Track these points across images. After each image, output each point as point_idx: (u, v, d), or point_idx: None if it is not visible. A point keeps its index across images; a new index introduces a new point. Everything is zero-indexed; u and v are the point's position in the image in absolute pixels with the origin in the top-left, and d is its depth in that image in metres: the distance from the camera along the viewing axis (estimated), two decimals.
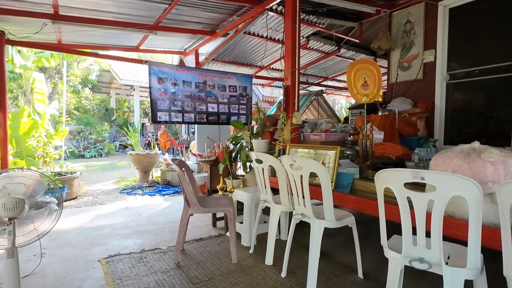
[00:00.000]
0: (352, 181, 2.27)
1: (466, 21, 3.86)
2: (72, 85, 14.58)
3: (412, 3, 4.21)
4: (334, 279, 2.22)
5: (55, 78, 13.51)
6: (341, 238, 2.94)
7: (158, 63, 4.33)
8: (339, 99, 14.15)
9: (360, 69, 2.66)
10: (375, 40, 4.36)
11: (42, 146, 5.52)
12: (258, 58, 6.23)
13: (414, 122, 3.94)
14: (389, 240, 1.61)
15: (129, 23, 4.46)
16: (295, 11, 3.54)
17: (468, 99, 3.94)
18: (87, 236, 3.17)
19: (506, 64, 3.49)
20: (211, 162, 4.88)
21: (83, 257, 2.64)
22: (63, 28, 4.35)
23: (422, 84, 4.20)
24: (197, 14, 4.44)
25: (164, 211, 4.18)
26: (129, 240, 3.05)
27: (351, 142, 2.98)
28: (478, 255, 1.31)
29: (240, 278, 2.24)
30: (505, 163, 1.46)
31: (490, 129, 3.74)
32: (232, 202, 2.71)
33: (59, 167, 5.61)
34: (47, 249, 2.80)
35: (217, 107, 4.47)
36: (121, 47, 5.62)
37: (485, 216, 1.44)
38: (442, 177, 1.33)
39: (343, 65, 7.20)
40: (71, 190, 4.88)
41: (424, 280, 2.13)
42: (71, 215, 3.96)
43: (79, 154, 11.73)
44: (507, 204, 1.17)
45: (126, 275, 2.31)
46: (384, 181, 1.50)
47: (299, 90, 3.64)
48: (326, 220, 2.01)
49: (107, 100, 16.24)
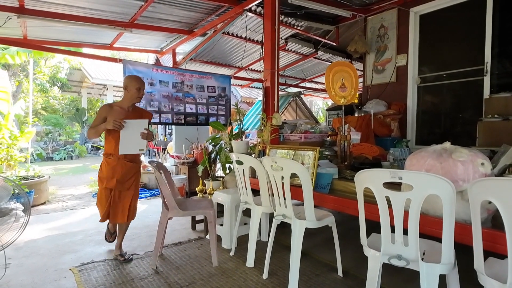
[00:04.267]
0: (331, 181, 2.31)
1: (435, 28, 4.08)
2: (39, 83, 13.76)
3: (386, 9, 4.39)
4: (315, 278, 2.25)
5: (20, 75, 12.68)
6: (321, 238, 2.99)
7: (134, 61, 4.19)
8: (316, 100, 14.44)
9: (338, 72, 2.72)
10: (352, 44, 4.49)
11: (6, 149, 5.14)
12: (237, 59, 6.21)
13: (388, 123, 4.09)
14: (368, 239, 1.65)
15: (102, 19, 4.28)
16: (274, 12, 3.56)
17: (437, 101, 4.16)
18: (57, 244, 3.00)
19: (470, 69, 3.72)
20: (190, 164, 4.79)
21: (53, 266, 2.49)
22: (29, 22, 4.09)
23: (395, 86, 4.38)
24: (174, 13, 4.35)
25: (140, 215, 4.04)
26: (104, 247, 2.91)
27: (329, 143, 3.04)
28: (451, 251, 1.37)
29: (221, 282, 2.20)
30: (474, 162, 1.55)
31: (457, 130, 3.97)
32: (212, 204, 2.67)
33: (25, 171, 5.26)
34: (12, 259, 2.60)
35: (196, 108, 4.40)
36: (94, 45, 5.38)
37: (456, 213, 1.51)
38: (419, 176, 1.38)
39: (320, 67, 7.35)
40: (39, 195, 4.59)
41: (400, 275, 2.21)
42: (39, 222, 3.73)
43: (47, 156, 11.08)
44: (478, 202, 1.24)
45: (101, 283, 2.20)
46: (363, 181, 1.54)
47: (278, 91, 3.67)
48: (307, 220, 2.03)
49: (78, 99, 15.49)
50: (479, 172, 1.52)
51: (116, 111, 2.52)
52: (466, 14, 3.76)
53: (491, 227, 1.46)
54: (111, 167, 2.50)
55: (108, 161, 2.53)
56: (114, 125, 2.36)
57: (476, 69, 3.65)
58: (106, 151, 2.56)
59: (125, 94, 2.58)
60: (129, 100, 2.57)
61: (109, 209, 2.51)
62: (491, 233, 1.39)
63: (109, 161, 2.52)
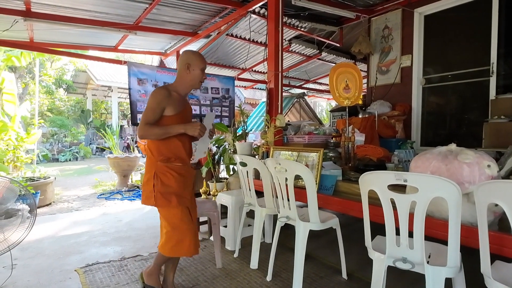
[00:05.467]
0: (335, 183, 2.30)
1: (440, 28, 4.05)
2: (45, 85, 13.91)
3: (390, 10, 4.37)
4: (319, 281, 2.24)
5: (26, 78, 12.83)
6: (325, 240, 2.97)
7: (138, 63, 4.22)
8: (320, 101, 14.41)
9: (342, 73, 2.72)
10: (356, 45, 4.47)
11: (12, 150, 5.21)
12: (241, 60, 6.23)
13: (392, 125, 4.07)
14: (373, 241, 1.64)
15: (107, 22, 4.32)
16: (278, 14, 3.56)
17: (442, 102, 4.12)
18: (63, 245, 3.02)
19: (476, 70, 3.69)
20: (193, 165, 4.80)
21: (58, 267, 2.51)
22: (35, 25, 4.14)
23: (400, 87, 4.35)
24: (179, 15, 4.38)
25: (144, 216, 4.06)
26: (108, 248, 2.93)
27: (333, 144, 3.03)
28: (457, 254, 1.36)
29: (225, 283, 2.20)
30: (480, 164, 1.53)
31: (463, 131, 3.93)
32: (216, 205, 2.67)
33: (31, 172, 5.32)
34: (18, 260, 2.63)
35: (200, 109, 4.42)
36: (99, 47, 5.43)
37: (462, 215, 1.50)
38: (424, 179, 1.37)
39: (324, 68, 7.34)
40: (45, 196, 4.64)
41: (405, 279, 2.19)
42: (44, 223, 3.76)
43: (52, 158, 11.18)
44: (484, 204, 1.22)
45: (106, 284, 2.21)
46: (368, 183, 1.53)
47: (282, 92, 3.66)
48: (311, 222, 2.03)
49: (83, 101, 15.63)
50: (485, 174, 1.50)
51: (176, 100, 1.86)
52: (471, 14, 3.73)
53: (498, 230, 1.45)
54: (182, 178, 1.87)
55: (177, 170, 1.85)
56: (200, 133, 1.81)
57: (482, 70, 3.62)
58: (166, 155, 1.85)
59: (184, 75, 1.89)
60: (190, 85, 1.92)
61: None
62: (498, 236, 1.37)
63: (177, 169, 1.85)
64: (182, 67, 1.89)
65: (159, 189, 1.80)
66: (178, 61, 1.93)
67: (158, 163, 1.84)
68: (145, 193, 1.85)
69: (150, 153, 1.87)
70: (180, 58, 1.92)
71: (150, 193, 1.81)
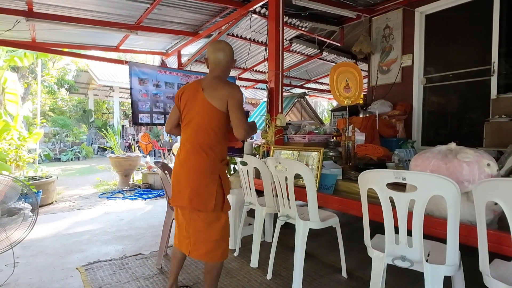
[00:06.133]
0: (335, 182, 2.31)
1: (441, 28, 4.04)
2: (47, 85, 13.96)
3: (391, 9, 4.36)
4: (319, 279, 2.25)
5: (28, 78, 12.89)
6: (325, 238, 2.98)
7: (139, 63, 4.24)
8: (321, 101, 14.40)
9: (342, 72, 2.72)
10: (356, 44, 4.47)
11: (15, 150, 5.24)
12: (242, 60, 6.23)
13: (393, 124, 4.07)
14: (372, 240, 1.65)
15: (109, 22, 4.34)
16: (279, 14, 3.57)
17: (443, 102, 4.12)
18: (64, 243, 3.04)
19: (477, 69, 3.68)
20: None
21: (60, 266, 2.52)
22: (37, 25, 4.16)
23: (400, 87, 4.35)
24: (180, 15, 4.39)
25: (146, 215, 4.08)
26: (110, 246, 2.94)
27: (334, 143, 3.03)
28: (456, 252, 1.36)
29: (225, 282, 2.21)
30: (479, 163, 1.53)
31: (464, 130, 3.92)
32: None
33: (33, 171, 5.35)
34: (20, 258, 2.65)
35: None
36: (100, 47, 5.46)
37: (461, 214, 1.50)
38: (423, 177, 1.38)
39: (325, 67, 7.34)
40: (47, 195, 4.66)
41: (404, 277, 2.19)
42: (46, 222, 3.78)
43: (54, 157, 11.23)
44: (483, 203, 1.23)
45: (107, 282, 2.22)
46: (367, 182, 1.53)
47: (282, 92, 3.67)
48: (311, 221, 2.03)
49: (84, 101, 15.68)
50: (485, 173, 1.50)
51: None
52: (473, 13, 3.72)
53: (498, 229, 1.45)
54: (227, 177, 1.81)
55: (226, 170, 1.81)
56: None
57: (483, 69, 3.61)
58: (224, 156, 1.78)
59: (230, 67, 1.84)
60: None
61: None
62: (497, 234, 1.37)
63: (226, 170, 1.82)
64: (230, 59, 1.80)
65: (224, 193, 1.73)
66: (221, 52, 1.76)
67: (220, 164, 1.73)
68: (202, 198, 1.67)
69: (211, 152, 1.69)
70: (225, 50, 1.77)
71: (210, 197, 1.66)
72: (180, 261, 1.88)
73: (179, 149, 1.77)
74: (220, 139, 1.72)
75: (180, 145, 1.78)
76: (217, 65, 1.78)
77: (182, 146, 1.76)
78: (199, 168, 1.69)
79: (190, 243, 1.74)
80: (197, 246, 1.72)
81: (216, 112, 1.68)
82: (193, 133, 1.71)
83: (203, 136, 1.69)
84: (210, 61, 1.79)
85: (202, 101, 1.69)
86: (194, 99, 1.73)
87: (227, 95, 1.67)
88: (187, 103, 1.74)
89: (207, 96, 1.69)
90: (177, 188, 1.73)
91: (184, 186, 1.69)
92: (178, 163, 1.75)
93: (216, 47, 1.78)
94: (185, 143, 1.74)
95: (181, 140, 1.79)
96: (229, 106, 1.67)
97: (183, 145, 1.75)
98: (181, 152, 1.75)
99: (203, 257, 1.74)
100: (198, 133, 1.70)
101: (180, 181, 1.72)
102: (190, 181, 1.68)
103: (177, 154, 1.79)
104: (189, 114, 1.74)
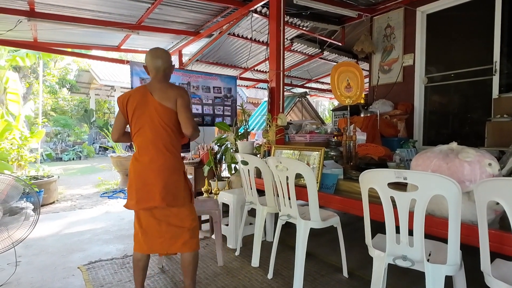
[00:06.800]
0: (336, 181, 2.31)
1: (442, 27, 4.03)
2: (49, 85, 13.99)
3: (392, 8, 4.35)
4: (320, 279, 2.25)
5: (30, 77, 12.92)
6: (326, 238, 2.98)
7: (140, 63, 4.24)
8: (322, 101, 14.39)
9: (343, 72, 2.72)
10: (358, 43, 4.47)
11: (17, 149, 5.26)
12: (243, 60, 6.24)
13: (394, 124, 4.06)
14: (373, 239, 1.65)
15: (110, 22, 4.35)
16: (280, 13, 3.57)
17: (445, 101, 4.11)
18: (66, 242, 3.05)
19: (479, 69, 3.67)
20: (196, 164, 4.81)
21: (61, 265, 2.53)
22: (39, 25, 4.17)
23: (402, 86, 4.34)
24: (181, 14, 4.39)
25: None
26: (111, 246, 2.95)
27: (335, 143, 3.03)
28: (457, 252, 1.36)
29: (226, 281, 2.22)
30: (481, 163, 1.53)
31: (465, 130, 3.91)
32: (217, 204, 2.69)
33: (34, 171, 5.37)
34: (22, 257, 2.66)
35: (202, 108, 4.44)
36: (102, 47, 5.47)
37: (463, 213, 1.50)
38: (424, 177, 1.37)
39: (326, 67, 7.33)
40: (48, 195, 4.68)
41: (405, 277, 2.19)
42: (48, 221, 3.80)
43: (56, 157, 11.26)
44: (484, 202, 1.22)
45: (108, 281, 2.23)
46: (368, 182, 1.53)
47: (284, 91, 3.67)
48: (312, 220, 2.03)
49: (86, 101, 15.71)
50: (486, 173, 1.50)
51: None
52: (474, 12, 3.71)
53: (499, 228, 1.45)
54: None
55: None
56: None
57: (485, 69, 3.60)
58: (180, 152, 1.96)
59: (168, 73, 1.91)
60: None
61: None
62: (498, 234, 1.37)
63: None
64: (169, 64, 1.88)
65: (190, 187, 1.87)
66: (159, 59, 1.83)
67: (181, 160, 1.87)
68: (174, 194, 1.77)
69: (174, 150, 1.81)
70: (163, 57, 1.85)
71: (181, 192, 1.80)
72: (145, 268, 1.88)
73: (139, 154, 1.79)
74: (178, 137, 1.84)
75: (140, 149, 1.80)
76: (158, 71, 1.84)
77: (143, 150, 1.78)
78: (167, 166, 1.77)
79: (165, 241, 1.80)
80: (173, 240, 1.80)
81: (170, 112, 1.78)
82: (154, 135, 1.77)
83: (165, 137, 1.78)
84: (150, 68, 1.85)
85: (155, 104, 1.77)
86: (145, 104, 1.78)
87: (176, 95, 1.79)
88: (137, 108, 1.78)
89: (158, 99, 1.77)
90: (144, 190, 1.76)
91: (154, 187, 1.74)
92: (142, 167, 1.77)
93: (154, 55, 1.84)
94: (147, 146, 1.78)
95: (140, 144, 1.80)
96: (178, 105, 1.78)
97: (145, 148, 1.78)
98: (144, 156, 1.77)
99: (182, 248, 1.80)
100: (160, 134, 1.77)
101: (148, 182, 1.75)
102: (161, 180, 1.74)
103: (135, 158, 1.81)
104: (141, 119, 1.78)
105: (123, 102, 1.80)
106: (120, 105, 1.81)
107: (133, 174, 1.78)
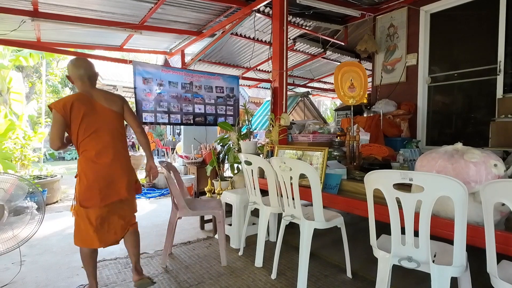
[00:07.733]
0: (340, 182, 2.30)
1: (446, 26, 4.01)
2: (52, 84, 14.04)
3: (395, 8, 4.34)
4: (323, 279, 2.24)
5: (33, 77, 12.96)
6: (330, 238, 2.98)
7: (143, 63, 4.25)
8: (324, 100, 14.36)
9: (347, 72, 2.71)
10: (361, 43, 4.45)
11: (20, 149, 5.28)
12: (245, 59, 6.23)
13: (398, 124, 4.05)
14: (378, 240, 1.64)
15: (113, 21, 4.35)
16: (283, 13, 3.56)
17: (448, 101, 4.09)
18: (69, 242, 3.05)
19: (483, 68, 3.65)
20: (198, 164, 4.83)
21: (65, 264, 2.55)
22: (42, 25, 4.18)
23: (405, 86, 4.32)
24: (184, 14, 4.39)
25: (150, 214, 4.09)
26: (114, 245, 2.95)
27: (338, 143, 3.02)
28: (463, 253, 1.35)
29: (230, 281, 2.22)
30: (486, 164, 1.52)
31: (469, 130, 3.90)
32: (220, 204, 2.69)
33: (38, 170, 5.39)
34: (26, 257, 2.67)
35: (204, 108, 4.44)
36: (104, 46, 5.48)
37: (468, 215, 1.49)
38: (430, 178, 1.37)
39: (328, 67, 7.31)
40: (52, 194, 4.70)
41: (410, 277, 2.18)
42: (52, 220, 3.81)
43: (59, 156, 11.32)
44: (490, 204, 1.22)
45: (112, 281, 2.24)
46: (373, 182, 1.53)
47: (287, 91, 3.66)
48: (316, 221, 2.03)
49: None
50: (492, 174, 1.49)
51: None
52: (478, 12, 3.69)
53: (505, 230, 1.44)
54: None
55: None
56: None
57: (489, 68, 3.58)
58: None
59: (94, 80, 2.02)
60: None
61: None
62: (505, 235, 1.36)
63: None
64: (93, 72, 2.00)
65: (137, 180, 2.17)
66: (81, 68, 1.92)
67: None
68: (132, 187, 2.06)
69: (126, 150, 2.07)
70: (84, 65, 1.94)
71: (135, 185, 2.08)
72: (95, 260, 2.03)
73: (96, 156, 1.89)
74: (126, 138, 2.08)
75: (96, 152, 1.89)
76: (82, 80, 1.92)
77: (102, 153, 1.90)
78: (127, 164, 2.03)
79: (119, 228, 2.00)
80: (126, 225, 2.04)
81: (120, 116, 2.00)
82: (111, 138, 1.94)
83: (120, 139, 1.99)
84: (74, 78, 1.92)
85: (105, 110, 1.92)
86: (93, 109, 1.89)
87: (121, 101, 2.02)
88: (86, 114, 1.86)
89: (107, 105, 1.93)
90: (109, 188, 1.91)
91: (119, 183, 1.94)
92: (103, 167, 1.90)
93: (76, 64, 1.92)
94: (105, 149, 1.91)
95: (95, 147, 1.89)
96: (125, 109, 2.02)
97: (104, 151, 1.90)
98: (104, 158, 1.90)
99: (132, 227, 2.08)
100: (116, 137, 1.97)
101: (114, 180, 1.93)
102: (126, 176, 1.98)
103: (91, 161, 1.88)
104: (93, 124, 1.88)
105: (66, 109, 1.82)
106: (62, 112, 1.81)
107: (94, 176, 1.88)
